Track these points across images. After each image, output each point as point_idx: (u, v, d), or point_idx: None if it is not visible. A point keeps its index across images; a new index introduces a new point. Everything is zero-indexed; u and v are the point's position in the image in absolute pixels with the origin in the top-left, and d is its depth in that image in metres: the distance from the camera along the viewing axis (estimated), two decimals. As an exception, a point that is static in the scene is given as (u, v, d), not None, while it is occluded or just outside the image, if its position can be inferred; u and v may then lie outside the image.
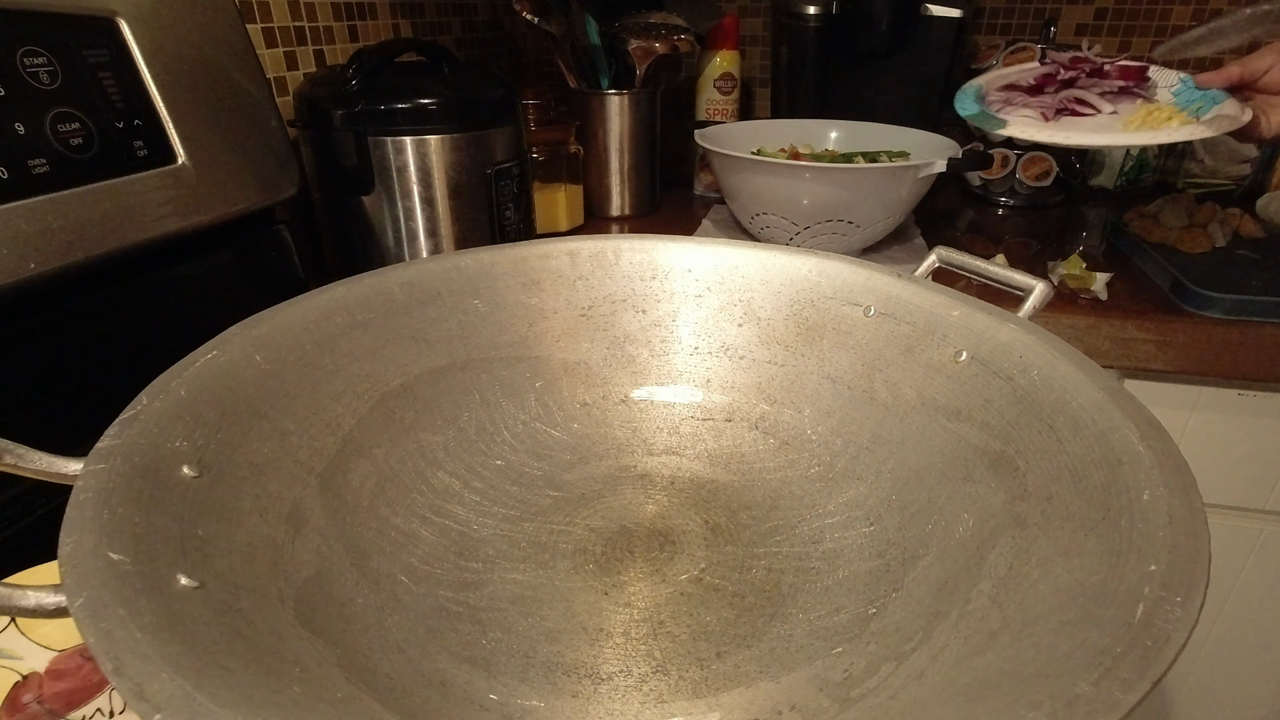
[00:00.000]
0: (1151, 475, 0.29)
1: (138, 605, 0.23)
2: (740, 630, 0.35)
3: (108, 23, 0.47)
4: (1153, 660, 0.21)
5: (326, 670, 0.28)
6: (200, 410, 0.33)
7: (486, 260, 0.49)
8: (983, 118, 0.68)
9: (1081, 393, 0.35)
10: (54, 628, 0.33)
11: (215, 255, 0.56)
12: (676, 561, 0.39)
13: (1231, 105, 0.61)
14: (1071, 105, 0.67)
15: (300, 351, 0.40)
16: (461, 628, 0.35)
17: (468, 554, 0.39)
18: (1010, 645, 0.26)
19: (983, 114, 0.68)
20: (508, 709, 0.31)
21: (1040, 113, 0.67)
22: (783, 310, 0.49)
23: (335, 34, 0.79)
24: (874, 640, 0.33)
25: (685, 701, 0.32)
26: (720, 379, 0.50)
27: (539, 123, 0.84)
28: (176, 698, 0.20)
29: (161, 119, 0.50)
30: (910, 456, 0.41)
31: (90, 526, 0.25)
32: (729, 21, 1.00)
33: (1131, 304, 0.67)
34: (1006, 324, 0.41)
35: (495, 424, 0.47)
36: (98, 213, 0.45)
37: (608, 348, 0.51)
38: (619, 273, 0.51)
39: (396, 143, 0.63)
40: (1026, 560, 0.31)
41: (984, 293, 0.44)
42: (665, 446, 0.48)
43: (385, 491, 0.40)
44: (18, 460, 0.28)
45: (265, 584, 0.30)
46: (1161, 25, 1.02)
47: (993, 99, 0.70)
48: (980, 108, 0.69)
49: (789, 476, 0.45)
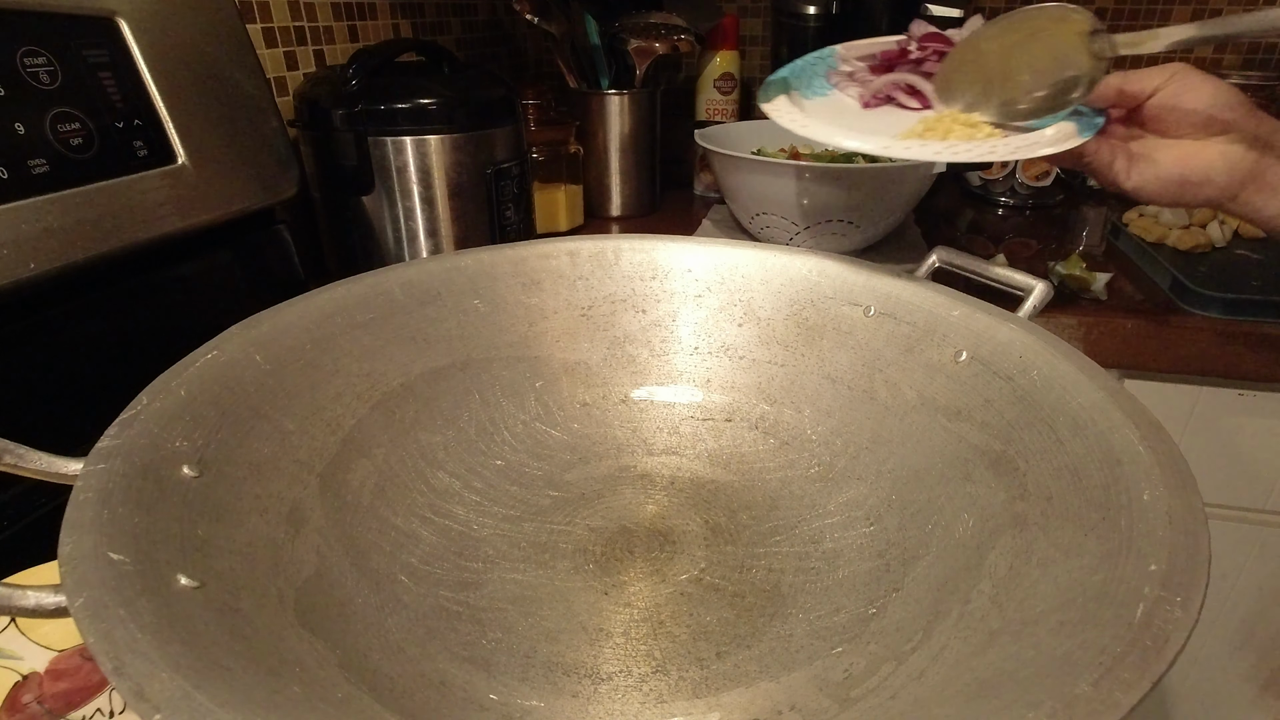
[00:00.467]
0: (1151, 475, 0.29)
1: (138, 605, 0.23)
2: (740, 630, 0.35)
3: (108, 23, 0.47)
4: (1153, 660, 0.21)
5: (326, 670, 0.28)
6: (200, 410, 0.33)
7: (486, 260, 0.49)
8: (776, 85, 0.53)
9: (1081, 393, 0.35)
10: (54, 628, 0.33)
11: (215, 255, 0.56)
12: (676, 561, 0.39)
13: (1065, 127, 0.43)
14: (898, 94, 0.52)
15: (300, 351, 0.40)
16: (461, 628, 0.35)
17: (468, 554, 0.39)
18: (1010, 645, 0.26)
19: (780, 80, 0.53)
20: (508, 709, 0.31)
21: (860, 98, 0.53)
22: (783, 310, 0.49)
23: (335, 34, 0.79)
24: (874, 640, 0.33)
25: (685, 701, 0.32)
26: (720, 379, 0.50)
27: (539, 123, 0.84)
28: (176, 698, 0.20)
29: (161, 119, 0.50)
30: (910, 456, 0.41)
31: (90, 526, 0.25)
32: (729, 21, 1.00)
33: (1131, 304, 0.67)
34: (1006, 324, 0.41)
35: (495, 424, 0.47)
36: (98, 213, 0.45)
37: (608, 348, 0.51)
38: (619, 273, 0.51)
39: (396, 143, 0.63)
40: (1026, 560, 0.31)
41: (984, 293, 0.44)
42: (665, 446, 0.48)
43: (385, 491, 0.40)
44: (18, 460, 0.28)
45: (265, 584, 0.30)
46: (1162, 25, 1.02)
47: (843, 69, 0.55)
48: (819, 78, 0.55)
49: (789, 476, 0.45)
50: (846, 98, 0.53)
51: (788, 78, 0.54)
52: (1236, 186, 0.41)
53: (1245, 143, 0.41)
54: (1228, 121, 0.41)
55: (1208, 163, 0.41)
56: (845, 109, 0.53)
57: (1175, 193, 0.42)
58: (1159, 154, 0.43)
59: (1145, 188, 0.43)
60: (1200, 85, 0.41)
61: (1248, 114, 0.41)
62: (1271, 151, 0.41)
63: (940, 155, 0.43)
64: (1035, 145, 0.42)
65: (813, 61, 0.55)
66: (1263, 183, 0.41)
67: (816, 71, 0.55)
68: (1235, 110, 0.41)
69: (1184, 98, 0.42)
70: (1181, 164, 0.42)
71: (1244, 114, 0.41)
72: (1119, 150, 0.44)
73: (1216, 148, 0.41)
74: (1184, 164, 0.42)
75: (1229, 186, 0.41)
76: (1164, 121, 0.43)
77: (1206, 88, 0.41)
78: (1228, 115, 0.41)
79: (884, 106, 0.52)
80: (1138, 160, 0.43)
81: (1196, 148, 0.42)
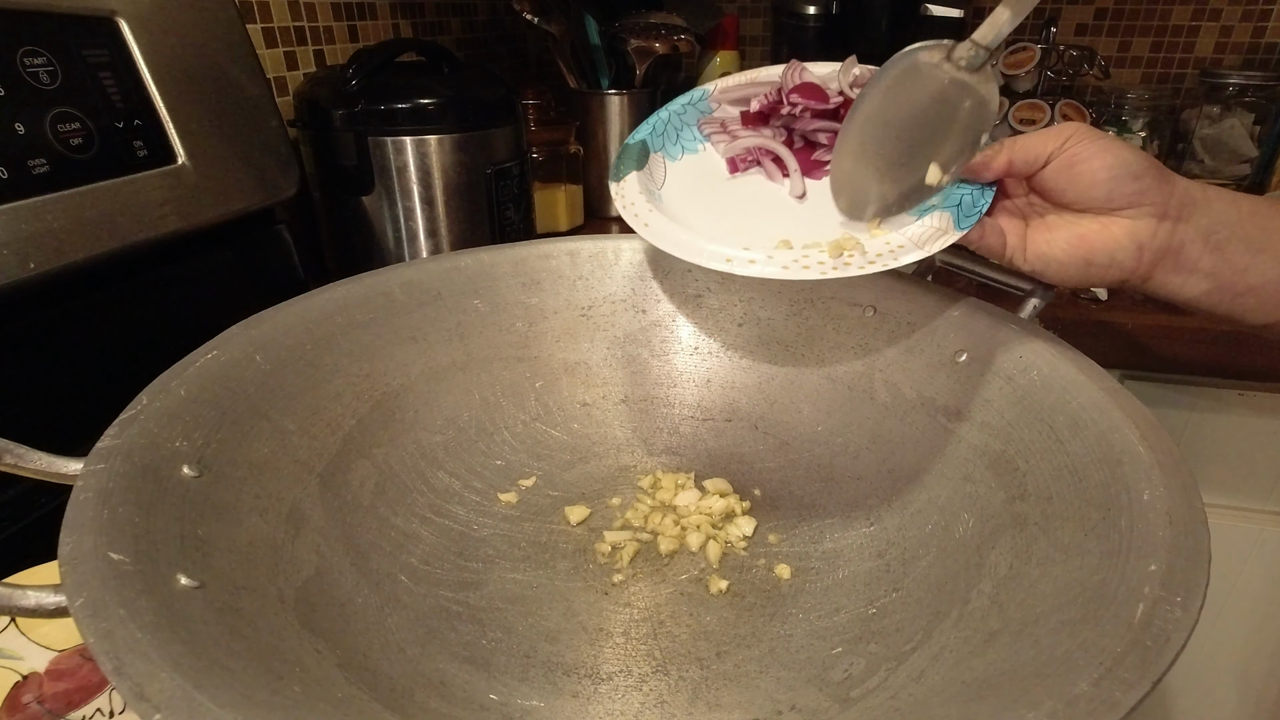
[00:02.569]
0: (1151, 475, 0.29)
1: (138, 605, 0.23)
2: (740, 630, 0.35)
3: (108, 23, 0.47)
4: (1153, 660, 0.21)
5: (326, 670, 0.28)
6: (200, 410, 0.33)
7: (486, 260, 0.49)
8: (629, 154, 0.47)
9: (1081, 393, 0.35)
10: (54, 628, 0.33)
11: (215, 255, 0.56)
12: (676, 561, 0.39)
13: (941, 218, 0.38)
14: (764, 159, 0.47)
15: (300, 351, 0.40)
16: (461, 628, 0.35)
17: (468, 554, 0.39)
18: (1010, 645, 0.26)
19: (637, 145, 0.47)
20: (508, 709, 0.31)
21: (727, 158, 0.48)
22: (783, 310, 0.49)
23: (335, 34, 0.79)
24: (874, 640, 0.33)
25: (685, 701, 0.32)
26: (720, 379, 0.50)
27: (539, 123, 0.84)
28: (176, 698, 0.20)
29: (161, 119, 0.50)
30: (910, 456, 0.41)
31: (90, 526, 0.25)
32: (729, 21, 1.00)
33: (1132, 304, 0.67)
34: (1006, 324, 0.41)
35: (495, 424, 0.47)
36: (98, 213, 0.45)
37: (608, 348, 0.51)
38: (619, 273, 0.51)
39: (396, 143, 0.63)
40: (1026, 560, 0.31)
41: (984, 293, 0.44)
42: (665, 446, 0.48)
43: (385, 491, 0.40)
44: (18, 460, 0.28)
45: (265, 584, 0.30)
46: (1161, 25, 1.02)
47: (716, 116, 0.50)
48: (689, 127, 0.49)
49: (789, 476, 0.45)
50: (716, 155, 0.48)
51: (647, 139, 0.48)
52: (1148, 268, 0.36)
53: (1155, 217, 0.35)
54: (1132, 194, 0.35)
55: (1113, 242, 0.35)
56: (708, 178, 0.48)
57: (1079, 276, 0.37)
58: (1058, 231, 0.37)
59: (1046, 271, 0.38)
60: (1099, 153, 0.35)
61: (1156, 183, 0.35)
62: (1185, 226, 0.35)
63: (789, 273, 0.38)
64: (901, 252, 0.37)
65: (683, 108, 0.50)
66: (1178, 262, 0.35)
67: (687, 120, 0.50)
68: (1140, 179, 0.35)
69: (1080, 167, 0.35)
70: (1082, 245, 0.36)
71: (1151, 183, 0.35)
72: (1011, 229, 0.38)
73: (1121, 225, 0.35)
74: (1085, 245, 0.36)
75: (1138, 269, 0.36)
76: (1062, 194, 0.37)
77: (1106, 156, 0.35)
78: (1132, 186, 0.35)
79: (751, 170, 0.48)
80: (1035, 238, 0.38)
81: (1098, 225, 0.36)
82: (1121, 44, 1.04)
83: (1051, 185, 0.37)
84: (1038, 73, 0.94)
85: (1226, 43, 1.01)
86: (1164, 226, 0.35)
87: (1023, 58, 0.93)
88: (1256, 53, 1.01)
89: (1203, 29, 1.01)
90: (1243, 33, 1.00)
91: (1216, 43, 1.01)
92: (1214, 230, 0.35)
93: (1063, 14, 1.04)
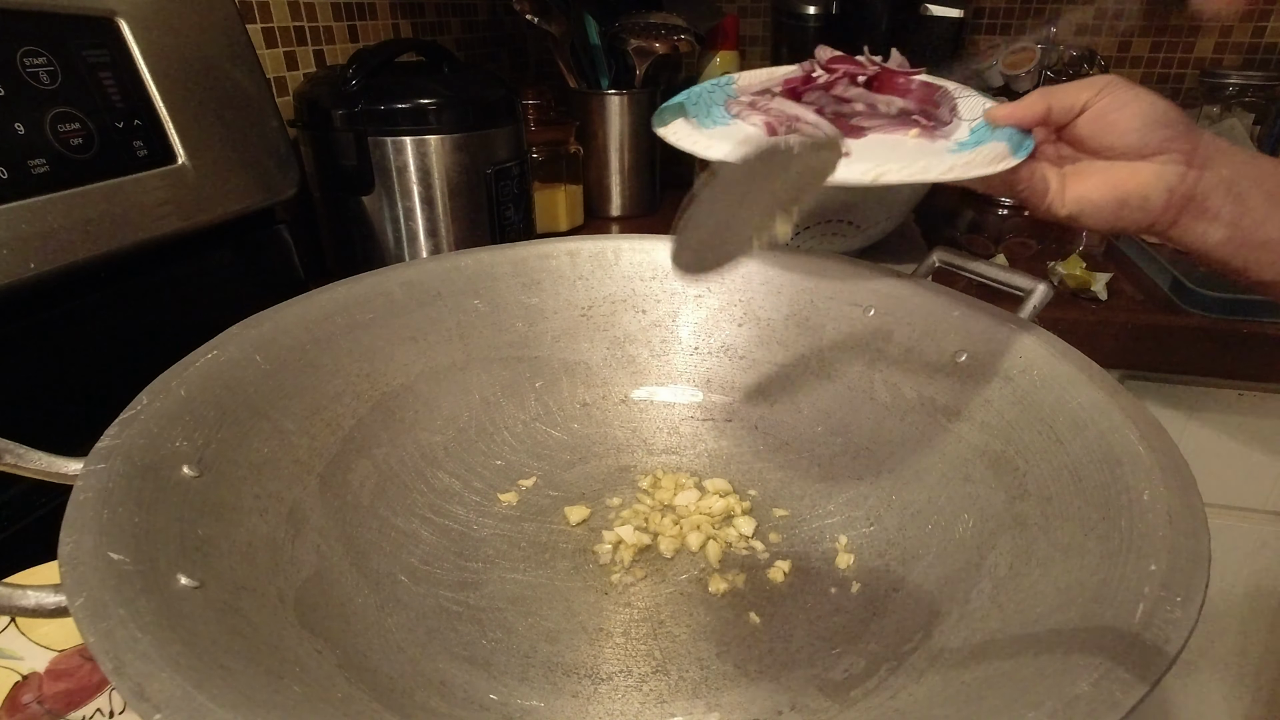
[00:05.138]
0: (1151, 475, 0.29)
1: (138, 605, 0.23)
2: (740, 630, 0.35)
3: (108, 23, 0.47)
4: (1153, 660, 0.21)
5: (326, 670, 0.28)
6: (200, 410, 0.33)
7: (486, 260, 0.49)
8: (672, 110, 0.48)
9: (1081, 393, 0.35)
10: (54, 628, 0.33)
11: (215, 255, 0.56)
12: (676, 561, 0.39)
13: (997, 148, 0.40)
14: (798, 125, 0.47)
15: (300, 351, 0.40)
16: (461, 628, 0.35)
17: (468, 554, 0.39)
18: (1010, 645, 0.26)
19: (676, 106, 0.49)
20: (508, 709, 0.31)
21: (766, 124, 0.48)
22: (783, 310, 0.49)
23: (335, 34, 0.79)
24: (874, 640, 0.33)
25: (685, 701, 0.32)
26: (720, 379, 0.50)
27: (539, 123, 0.84)
28: (176, 698, 0.20)
29: (161, 119, 0.50)
30: (910, 456, 0.41)
31: (90, 526, 0.25)
32: (729, 21, 1.00)
33: (1131, 304, 0.67)
34: (1006, 324, 0.41)
35: (495, 424, 0.47)
36: (98, 213, 0.45)
37: (608, 348, 0.51)
38: (619, 273, 0.51)
39: (396, 143, 0.63)
40: (1026, 560, 0.31)
41: (984, 293, 0.44)
42: (665, 446, 0.48)
43: (385, 491, 0.40)
44: (18, 460, 0.28)
45: (265, 584, 0.30)
46: (1161, 24, 1.02)
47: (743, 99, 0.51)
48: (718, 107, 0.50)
49: (789, 476, 0.45)
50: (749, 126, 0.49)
51: (684, 103, 0.49)
52: (1175, 213, 0.38)
53: (1182, 163, 0.38)
54: (1162, 140, 0.38)
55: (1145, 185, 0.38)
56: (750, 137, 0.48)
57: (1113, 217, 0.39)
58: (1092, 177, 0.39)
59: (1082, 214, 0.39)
60: (1131, 101, 0.38)
61: (1184, 131, 0.38)
62: (1210, 174, 0.37)
63: (866, 177, 0.39)
64: (970, 165, 0.39)
65: (710, 90, 0.51)
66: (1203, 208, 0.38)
67: (714, 100, 0.51)
68: (1170, 128, 0.38)
69: (1114, 115, 0.39)
70: (1118, 187, 0.38)
71: (1179, 132, 0.38)
72: (1051, 175, 0.40)
73: (1151, 169, 0.38)
74: (1120, 187, 0.38)
75: (1166, 213, 0.38)
76: (1095, 141, 0.39)
77: (1138, 104, 0.38)
78: (1161, 133, 0.38)
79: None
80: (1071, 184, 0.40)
81: (1129, 170, 0.38)
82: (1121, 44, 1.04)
83: (1085, 133, 0.40)
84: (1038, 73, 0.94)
85: (1226, 43, 1.01)
86: (1190, 173, 0.37)
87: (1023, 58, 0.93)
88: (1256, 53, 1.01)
89: (1202, 29, 1.01)
90: (1242, 33, 1.00)
91: (1216, 43, 1.01)
92: (1235, 181, 0.37)
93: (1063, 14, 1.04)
